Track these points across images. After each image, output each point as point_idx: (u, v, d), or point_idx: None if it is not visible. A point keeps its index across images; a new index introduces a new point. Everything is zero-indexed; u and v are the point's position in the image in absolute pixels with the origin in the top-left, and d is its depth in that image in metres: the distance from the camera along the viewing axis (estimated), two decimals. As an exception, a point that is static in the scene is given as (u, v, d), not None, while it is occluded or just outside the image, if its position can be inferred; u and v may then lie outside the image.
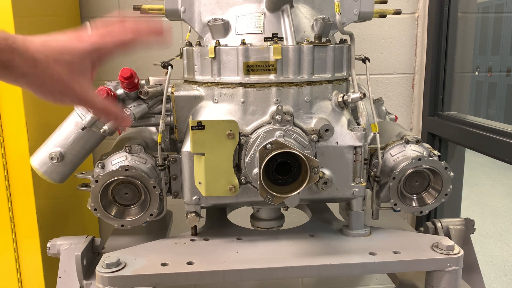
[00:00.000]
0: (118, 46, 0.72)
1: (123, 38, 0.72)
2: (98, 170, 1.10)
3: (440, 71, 1.74)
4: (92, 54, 0.69)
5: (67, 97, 0.67)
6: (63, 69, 0.65)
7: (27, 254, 1.30)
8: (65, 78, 0.65)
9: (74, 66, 0.66)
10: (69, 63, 0.66)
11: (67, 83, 0.65)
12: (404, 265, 1.02)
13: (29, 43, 0.63)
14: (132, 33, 0.72)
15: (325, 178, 1.03)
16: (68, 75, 0.66)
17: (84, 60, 0.68)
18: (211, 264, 1.00)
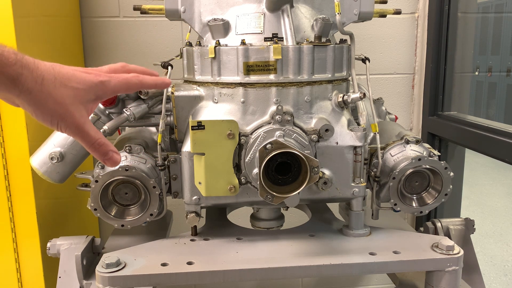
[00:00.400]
0: (123, 85, 0.73)
1: (128, 78, 0.74)
2: (98, 170, 1.10)
3: (440, 71, 1.74)
4: (98, 87, 0.70)
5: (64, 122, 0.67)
6: (68, 94, 0.66)
7: (27, 254, 1.30)
8: (67, 103, 0.66)
9: (79, 94, 0.67)
10: (75, 90, 0.67)
11: (68, 108, 0.66)
12: (404, 265, 1.02)
13: (39, 62, 0.64)
14: (136, 78, 0.75)
15: (325, 178, 1.03)
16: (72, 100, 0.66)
17: (89, 91, 0.68)
18: (211, 264, 1.00)
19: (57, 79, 0.65)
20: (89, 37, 1.75)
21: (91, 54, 1.76)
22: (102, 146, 0.70)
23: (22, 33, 1.22)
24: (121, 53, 1.77)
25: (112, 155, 0.71)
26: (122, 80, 0.73)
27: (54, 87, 0.64)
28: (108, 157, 0.71)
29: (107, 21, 1.74)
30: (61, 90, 0.65)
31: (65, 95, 0.65)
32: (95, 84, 0.69)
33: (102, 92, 0.70)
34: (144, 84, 0.76)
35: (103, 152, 0.71)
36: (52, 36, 1.47)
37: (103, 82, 0.70)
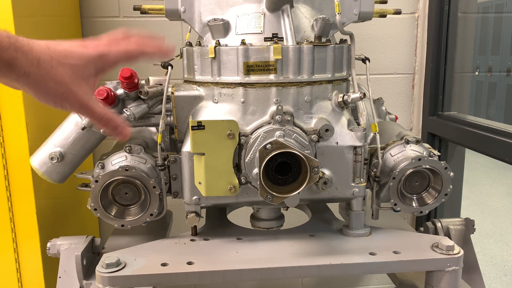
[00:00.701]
0: (123, 56, 0.71)
1: (128, 48, 0.71)
2: (98, 170, 1.10)
3: (440, 71, 1.74)
4: (97, 61, 0.68)
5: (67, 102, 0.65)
6: (66, 72, 0.64)
7: (27, 254, 1.30)
8: (68, 81, 0.64)
9: (78, 70, 0.66)
10: (73, 67, 0.65)
11: (70, 87, 0.64)
12: (404, 265, 1.02)
13: (34, 44, 0.63)
14: (137, 45, 0.72)
15: (325, 178, 1.03)
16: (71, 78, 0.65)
17: (88, 65, 0.67)
18: (211, 264, 1.00)
19: (54, 59, 0.63)
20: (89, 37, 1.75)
21: (91, 54, 1.76)
22: (111, 121, 0.69)
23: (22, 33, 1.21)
24: (121, 53, 1.76)
25: (122, 128, 0.70)
26: (122, 51, 0.71)
27: (52, 67, 0.63)
28: (119, 130, 0.70)
29: (107, 21, 1.74)
30: (59, 69, 0.63)
31: (64, 73, 0.64)
32: (93, 57, 0.67)
33: (102, 65, 0.69)
34: (146, 52, 0.73)
35: (113, 126, 0.70)
36: (52, 36, 1.47)
37: (101, 54, 0.68)
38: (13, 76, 0.61)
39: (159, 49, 0.75)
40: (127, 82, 1.04)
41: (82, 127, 1.11)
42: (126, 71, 1.03)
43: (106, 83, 1.11)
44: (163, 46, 0.75)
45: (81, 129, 1.12)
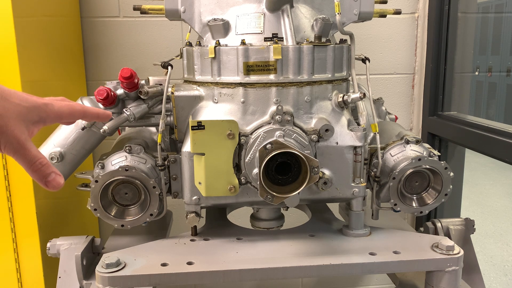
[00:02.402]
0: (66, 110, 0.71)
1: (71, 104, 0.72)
2: (98, 170, 1.10)
3: (440, 71, 1.74)
4: (41, 108, 0.66)
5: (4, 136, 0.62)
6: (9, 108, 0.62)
7: (27, 254, 1.30)
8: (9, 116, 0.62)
9: (22, 111, 0.64)
10: (18, 106, 0.63)
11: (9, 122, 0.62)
12: (404, 265, 1.02)
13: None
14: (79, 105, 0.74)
15: (325, 178, 1.03)
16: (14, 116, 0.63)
17: (32, 110, 0.65)
18: (211, 264, 1.00)
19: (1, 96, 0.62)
20: (89, 37, 1.75)
21: (91, 54, 1.76)
22: (43, 167, 0.65)
23: (22, 33, 1.22)
24: (121, 53, 1.77)
25: (54, 177, 0.65)
26: (66, 105, 0.71)
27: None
28: (50, 179, 0.65)
29: (107, 21, 1.74)
30: (2, 103, 0.61)
31: (7, 108, 0.62)
32: (38, 105, 0.66)
33: (45, 114, 0.67)
34: (87, 113, 0.75)
35: (44, 173, 0.65)
36: (52, 36, 1.47)
37: (46, 104, 0.68)
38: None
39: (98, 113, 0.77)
40: (127, 82, 1.04)
41: (82, 127, 1.12)
42: (126, 71, 1.03)
43: (106, 83, 1.11)
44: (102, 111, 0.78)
45: (81, 129, 1.12)
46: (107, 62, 1.77)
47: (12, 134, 0.62)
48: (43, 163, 0.65)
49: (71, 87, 1.65)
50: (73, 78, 1.67)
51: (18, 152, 0.64)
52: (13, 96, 0.64)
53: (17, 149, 0.63)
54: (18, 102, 0.64)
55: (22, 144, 0.64)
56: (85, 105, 0.76)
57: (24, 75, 1.22)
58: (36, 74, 1.33)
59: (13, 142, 0.63)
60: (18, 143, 0.63)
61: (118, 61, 1.77)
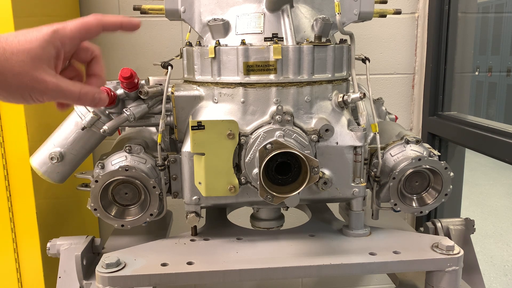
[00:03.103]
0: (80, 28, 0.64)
1: (85, 20, 0.65)
2: (98, 170, 1.10)
3: (440, 71, 1.74)
4: (53, 38, 0.61)
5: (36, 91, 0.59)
6: (23, 59, 0.58)
7: (27, 254, 1.30)
8: (28, 69, 0.58)
9: (36, 53, 0.59)
10: (30, 51, 0.58)
11: (33, 74, 0.58)
12: (404, 265, 1.02)
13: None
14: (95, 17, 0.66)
15: (325, 178, 1.03)
16: (32, 64, 0.58)
17: (45, 46, 0.60)
18: (211, 264, 1.00)
19: (6, 50, 0.57)
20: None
21: (91, 54, 1.76)
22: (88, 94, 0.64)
23: (22, 33, 1.21)
24: (121, 53, 1.77)
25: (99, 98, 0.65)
26: (79, 23, 0.63)
27: (6, 59, 0.57)
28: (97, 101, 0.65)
29: (107, 21, 1.74)
30: (14, 58, 0.57)
31: (22, 62, 0.58)
32: (48, 35, 0.60)
33: (59, 42, 0.62)
34: (106, 24, 0.66)
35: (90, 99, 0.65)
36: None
37: (56, 30, 0.61)
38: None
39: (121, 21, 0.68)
40: (127, 82, 1.04)
41: (82, 127, 1.11)
42: (126, 71, 1.03)
43: (106, 83, 1.11)
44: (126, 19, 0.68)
45: (81, 129, 1.12)
46: (107, 62, 1.77)
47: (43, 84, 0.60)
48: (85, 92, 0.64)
49: (71, 87, 1.65)
50: (73, 78, 1.67)
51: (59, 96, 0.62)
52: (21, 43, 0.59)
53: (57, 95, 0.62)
54: (28, 45, 0.59)
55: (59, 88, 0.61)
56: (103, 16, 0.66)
57: (24, 75, 1.22)
58: (36, 74, 1.33)
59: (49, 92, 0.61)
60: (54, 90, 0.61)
61: (118, 61, 1.77)
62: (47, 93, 0.60)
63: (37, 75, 0.59)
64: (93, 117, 1.10)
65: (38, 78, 0.59)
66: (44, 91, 0.60)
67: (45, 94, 0.60)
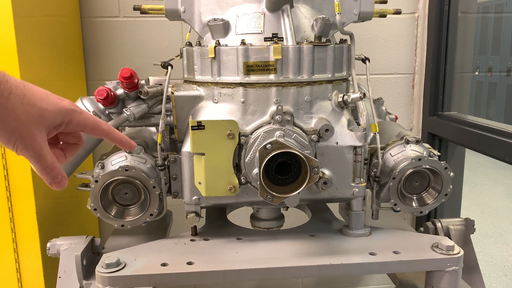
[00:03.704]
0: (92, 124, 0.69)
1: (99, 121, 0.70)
2: (98, 170, 1.10)
3: (440, 71, 1.74)
4: (68, 113, 0.66)
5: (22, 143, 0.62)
6: (34, 114, 0.62)
7: (27, 254, 1.30)
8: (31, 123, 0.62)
9: (47, 116, 0.63)
10: (44, 111, 0.63)
11: (30, 129, 0.62)
12: (404, 265, 1.02)
13: (11, 77, 0.61)
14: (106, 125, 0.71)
15: (325, 178, 1.03)
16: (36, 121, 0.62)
17: (57, 115, 0.64)
18: (211, 264, 1.00)
19: (26, 97, 0.61)
20: (89, 37, 1.75)
21: (91, 54, 1.76)
22: (54, 170, 0.66)
23: (22, 33, 1.22)
24: (121, 53, 1.77)
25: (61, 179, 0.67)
26: (93, 119, 0.69)
27: (21, 104, 0.61)
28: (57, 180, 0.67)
29: (107, 21, 1.74)
30: (27, 108, 0.61)
31: (31, 114, 0.61)
32: (66, 109, 0.65)
33: (68, 120, 0.66)
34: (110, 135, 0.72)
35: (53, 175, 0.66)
36: (52, 36, 1.47)
37: (74, 110, 0.66)
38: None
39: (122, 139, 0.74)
40: (127, 82, 1.04)
41: (82, 127, 1.11)
42: (126, 71, 1.03)
43: (106, 83, 1.11)
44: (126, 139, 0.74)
45: (81, 129, 1.12)
46: (107, 62, 1.77)
47: (31, 142, 0.62)
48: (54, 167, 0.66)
49: (71, 87, 1.65)
50: (73, 78, 1.67)
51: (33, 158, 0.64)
52: (42, 100, 0.63)
53: (33, 156, 0.64)
54: (46, 106, 0.63)
55: (38, 152, 0.64)
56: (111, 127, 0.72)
57: (24, 75, 1.22)
58: (36, 74, 1.33)
59: (30, 150, 0.63)
60: (34, 150, 0.63)
61: (118, 61, 1.77)
62: (29, 149, 0.63)
63: (33, 132, 0.62)
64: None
65: (32, 135, 0.62)
66: (28, 146, 0.63)
67: (26, 149, 0.63)
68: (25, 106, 0.61)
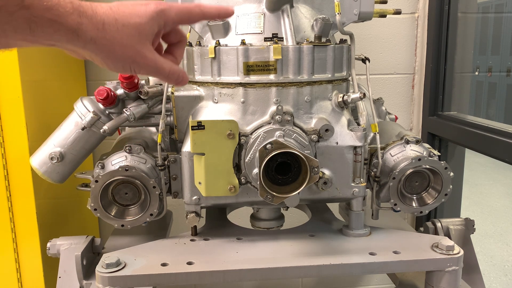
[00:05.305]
0: (183, 12, 0.68)
1: (188, 5, 0.69)
2: (98, 170, 1.10)
3: (440, 71, 1.74)
4: (159, 17, 0.65)
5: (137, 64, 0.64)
6: (132, 33, 0.62)
7: (27, 254, 1.30)
8: (134, 43, 0.62)
9: (143, 29, 0.63)
10: (138, 26, 0.63)
11: (137, 48, 0.63)
12: (404, 265, 1.02)
13: (97, 7, 0.60)
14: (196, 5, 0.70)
15: (325, 178, 1.03)
16: (137, 39, 0.63)
17: (151, 23, 0.64)
18: (211, 264, 1.00)
19: (118, 20, 0.61)
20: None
21: (91, 54, 1.76)
22: (174, 74, 0.69)
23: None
24: (121, 53, 1.76)
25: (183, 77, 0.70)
26: (184, 8, 0.68)
27: (117, 30, 0.61)
28: (181, 80, 0.70)
29: (107, 21, 1.74)
30: (124, 31, 0.61)
31: (130, 35, 0.62)
32: (156, 13, 0.64)
33: (164, 22, 0.66)
34: (206, 13, 0.71)
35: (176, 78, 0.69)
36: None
37: (163, 10, 0.65)
38: (79, 43, 0.59)
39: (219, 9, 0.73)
40: (127, 82, 1.04)
41: (82, 127, 1.12)
42: (126, 71, 1.02)
43: (106, 83, 1.11)
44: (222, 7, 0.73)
45: (81, 129, 1.12)
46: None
47: (144, 61, 0.64)
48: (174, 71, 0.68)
49: (71, 87, 1.65)
50: (73, 78, 1.67)
51: (153, 72, 0.67)
52: (132, 15, 0.63)
53: (151, 71, 0.66)
54: (138, 20, 0.63)
55: (155, 65, 0.66)
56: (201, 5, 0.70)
57: (24, 75, 1.22)
58: (36, 74, 1.33)
59: (146, 67, 0.65)
60: (151, 66, 0.65)
61: (118, 61, 1.77)
62: (144, 67, 0.65)
63: (140, 49, 0.63)
64: (93, 117, 1.10)
65: (141, 52, 0.63)
66: (143, 65, 0.65)
67: (143, 68, 0.65)
68: (122, 29, 0.61)
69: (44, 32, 0.55)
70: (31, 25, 0.54)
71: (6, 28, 0.53)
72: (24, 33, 0.54)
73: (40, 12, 0.54)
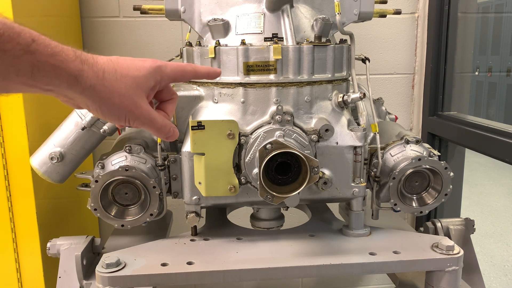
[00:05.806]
0: (178, 70, 0.73)
1: (183, 66, 0.74)
2: (98, 170, 1.10)
3: (440, 71, 1.74)
4: (156, 72, 0.69)
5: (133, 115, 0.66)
6: (130, 84, 0.65)
7: (27, 254, 1.30)
8: (132, 93, 0.65)
9: (140, 81, 0.66)
10: (136, 78, 0.66)
11: (134, 98, 0.65)
12: (404, 265, 1.02)
13: (98, 57, 0.64)
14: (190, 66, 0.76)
15: (325, 178, 1.03)
16: (135, 90, 0.65)
17: (148, 77, 0.68)
18: (211, 264, 1.00)
19: (118, 71, 0.64)
20: (89, 37, 1.75)
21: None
22: (166, 127, 0.72)
23: (22, 33, 1.21)
24: (121, 53, 1.76)
25: (173, 132, 0.73)
26: (178, 66, 0.73)
27: (116, 79, 0.64)
28: (171, 134, 0.73)
29: (107, 21, 1.74)
30: (123, 81, 0.64)
31: (128, 85, 0.65)
32: (153, 69, 0.68)
33: (160, 78, 0.70)
34: (198, 72, 0.77)
35: (167, 132, 0.72)
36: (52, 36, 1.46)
37: (160, 66, 0.70)
38: (78, 89, 0.61)
39: (208, 69, 0.79)
40: (127, 82, 1.04)
41: (82, 127, 1.12)
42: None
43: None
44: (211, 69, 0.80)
45: (81, 129, 1.12)
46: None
47: (139, 111, 0.67)
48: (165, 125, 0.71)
49: (71, 87, 1.65)
50: (73, 78, 1.67)
51: (146, 124, 0.69)
52: (130, 68, 0.66)
53: (145, 123, 0.69)
54: (136, 73, 0.66)
55: (149, 117, 0.68)
56: (194, 65, 0.77)
57: (24, 75, 1.21)
58: (36, 74, 1.33)
59: (141, 118, 0.68)
60: (145, 117, 0.68)
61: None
62: (139, 117, 0.68)
63: (137, 100, 0.66)
64: (93, 117, 1.10)
65: (137, 103, 0.66)
66: (138, 115, 0.67)
67: (137, 118, 0.68)
68: (120, 79, 0.64)
69: (45, 76, 0.57)
70: (33, 69, 0.56)
71: (9, 70, 0.55)
72: (26, 77, 0.56)
73: (44, 57, 0.56)
